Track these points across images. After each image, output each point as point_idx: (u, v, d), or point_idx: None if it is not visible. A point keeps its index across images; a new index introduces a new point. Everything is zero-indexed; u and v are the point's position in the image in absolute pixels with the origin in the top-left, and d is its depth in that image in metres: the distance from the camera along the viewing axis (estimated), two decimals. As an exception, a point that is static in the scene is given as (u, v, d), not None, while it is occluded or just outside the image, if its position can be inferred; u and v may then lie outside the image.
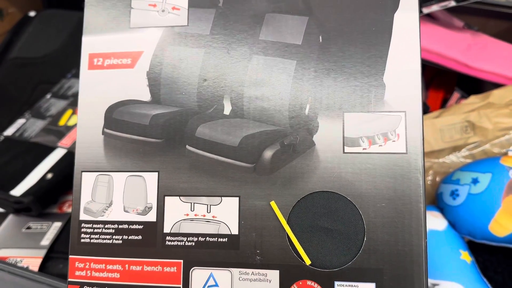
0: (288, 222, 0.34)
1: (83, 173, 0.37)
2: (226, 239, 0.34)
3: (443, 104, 0.68)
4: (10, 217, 0.54)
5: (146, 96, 0.37)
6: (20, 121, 0.63)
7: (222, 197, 0.35)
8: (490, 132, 0.52)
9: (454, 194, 0.48)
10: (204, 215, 0.35)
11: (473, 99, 0.56)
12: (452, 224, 0.48)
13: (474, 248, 0.49)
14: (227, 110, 0.36)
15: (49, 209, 0.55)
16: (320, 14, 0.35)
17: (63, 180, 0.55)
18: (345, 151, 0.34)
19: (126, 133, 0.37)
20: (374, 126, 0.34)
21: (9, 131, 0.61)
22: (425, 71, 0.70)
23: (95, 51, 0.38)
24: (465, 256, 0.45)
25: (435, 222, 0.48)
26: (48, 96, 0.66)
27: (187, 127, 0.36)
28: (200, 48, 0.37)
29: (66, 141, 0.58)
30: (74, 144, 0.58)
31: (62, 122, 0.61)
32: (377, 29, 0.35)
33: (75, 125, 0.60)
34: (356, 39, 0.35)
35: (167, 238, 0.35)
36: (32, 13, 0.74)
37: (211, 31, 0.37)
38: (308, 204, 0.34)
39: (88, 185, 0.37)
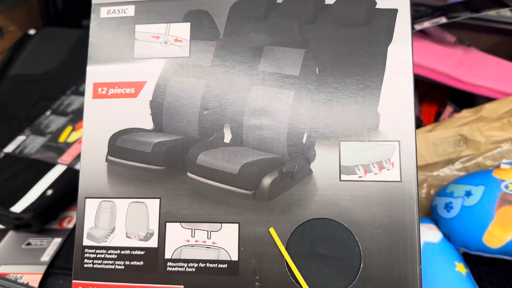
0: (286, 249, 0.35)
1: (87, 199, 0.38)
2: (226, 265, 0.35)
3: (436, 118, 0.69)
4: (10, 234, 0.55)
5: (148, 124, 0.39)
6: (20, 138, 0.63)
7: (222, 224, 0.36)
8: (483, 145, 0.53)
9: (448, 206, 0.49)
10: (204, 241, 0.36)
11: (466, 113, 0.57)
12: (447, 236, 0.49)
13: (469, 259, 0.50)
14: (227, 138, 0.37)
15: (49, 225, 0.56)
16: (317, 47, 0.37)
17: (63, 196, 0.55)
18: (341, 179, 0.35)
19: (129, 160, 0.38)
20: (369, 154, 0.35)
21: (9, 148, 0.62)
22: (418, 86, 0.72)
23: (99, 80, 0.40)
24: (460, 268, 0.46)
25: (430, 234, 0.48)
26: (48, 113, 0.67)
27: (188, 155, 0.37)
28: (201, 78, 0.38)
29: (66, 158, 0.59)
30: (74, 160, 0.58)
31: (62, 138, 0.62)
32: (371, 62, 0.36)
33: (75, 142, 0.61)
34: (351, 71, 0.36)
35: (168, 264, 0.36)
36: (31, 31, 0.75)
37: (212, 62, 0.38)
38: (306, 230, 0.35)
39: (92, 211, 0.38)
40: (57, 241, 0.53)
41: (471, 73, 0.60)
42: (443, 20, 0.55)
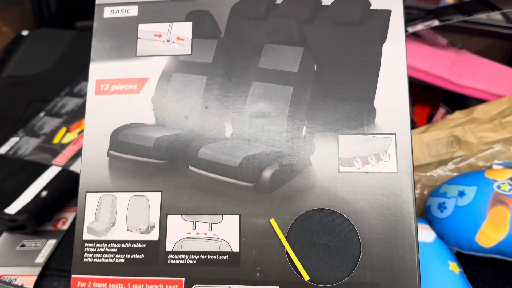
0: (287, 239, 0.35)
1: (88, 193, 0.38)
2: (227, 256, 0.36)
3: (429, 119, 0.70)
4: (4, 235, 0.54)
5: (150, 119, 0.39)
6: (13, 139, 0.63)
7: (223, 216, 0.36)
8: (475, 146, 0.54)
9: (441, 206, 0.50)
10: (205, 233, 0.36)
11: (458, 115, 0.58)
12: (440, 236, 0.49)
13: (462, 259, 0.51)
14: (228, 132, 0.38)
15: (44, 226, 0.55)
16: (315, 45, 0.38)
17: (58, 197, 0.55)
18: (340, 170, 0.36)
19: (131, 154, 0.39)
20: (366, 147, 0.36)
21: (2, 149, 0.61)
22: (411, 88, 0.72)
23: (102, 77, 0.41)
24: (454, 267, 0.47)
25: (424, 234, 0.49)
26: (42, 114, 0.67)
27: (190, 148, 0.38)
28: (203, 75, 0.39)
29: (60, 159, 0.59)
30: (68, 161, 0.58)
31: (56, 140, 0.62)
32: (367, 59, 0.38)
33: (69, 143, 0.61)
34: (348, 68, 0.38)
35: (169, 256, 0.36)
36: (25, 32, 0.75)
37: (213, 60, 0.39)
38: (306, 221, 0.35)
39: (92, 205, 0.38)
40: (51, 242, 0.52)
41: (463, 75, 0.61)
42: (436, 22, 0.56)
